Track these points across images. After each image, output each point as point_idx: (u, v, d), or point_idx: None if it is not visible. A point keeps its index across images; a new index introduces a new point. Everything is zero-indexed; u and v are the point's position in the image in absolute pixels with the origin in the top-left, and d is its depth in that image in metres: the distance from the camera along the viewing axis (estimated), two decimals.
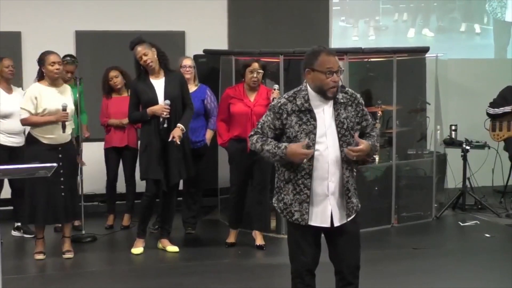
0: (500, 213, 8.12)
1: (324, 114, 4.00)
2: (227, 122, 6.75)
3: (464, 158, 8.34)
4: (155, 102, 6.34)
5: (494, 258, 6.51)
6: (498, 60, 9.93)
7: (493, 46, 10.04)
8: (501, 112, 8.36)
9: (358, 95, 4.14)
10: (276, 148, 3.98)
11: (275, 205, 4.16)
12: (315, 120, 3.98)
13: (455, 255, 6.65)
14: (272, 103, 4.12)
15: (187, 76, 6.88)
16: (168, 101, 6.30)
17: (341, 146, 4.00)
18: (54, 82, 6.28)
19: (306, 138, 3.95)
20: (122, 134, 7.40)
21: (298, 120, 3.99)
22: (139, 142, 7.03)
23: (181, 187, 7.38)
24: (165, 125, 6.29)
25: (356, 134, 4.02)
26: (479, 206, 8.37)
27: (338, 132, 3.99)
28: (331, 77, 3.94)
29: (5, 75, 6.92)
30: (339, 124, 4.00)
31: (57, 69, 6.21)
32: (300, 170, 4.00)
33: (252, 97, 6.67)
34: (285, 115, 4.01)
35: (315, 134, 3.97)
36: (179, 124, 6.34)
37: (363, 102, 4.15)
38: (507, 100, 8.38)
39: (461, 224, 7.76)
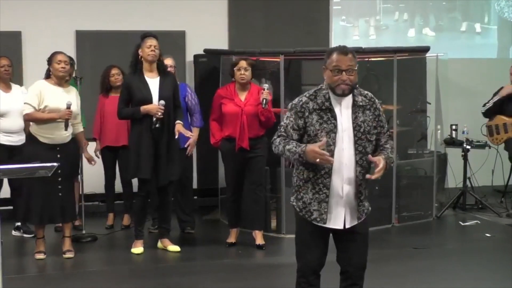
0: (501, 213, 8.11)
1: (342, 116, 3.99)
2: (219, 122, 6.75)
3: (465, 158, 8.33)
4: (149, 101, 6.32)
5: (495, 258, 6.51)
6: (499, 60, 9.91)
7: (494, 45, 10.05)
8: (491, 104, 8.20)
9: (377, 100, 4.13)
10: (296, 147, 3.94)
11: (294, 203, 4.13)
12: (335, 119, 3.96)
13: (456, 255, 6.65)
14: (293, 103, 4.05)
15: None
16: (163, 102, 6.29)
17: (356, 149, 3.98)
18: (59, 81, 6.28)
19: (326, 137, 3.93)
20: (116, 134, 7.37)
21: (319, 119, 3.97)
22: None
23: None
24: (157, 125, 6.29)
25: (370, 156, 3.99)
26: (480, 206, 8.37)
27: (355, 135, 3.98)
28: (338, 75, 3.93)
29: (0, 74, 6.89)
30: (356, 127, 3.98)
31: (62, 67, 6.22)
32: (320, 169, 3.97)
33: (243, 96, 6.64)
34: (307, 113, 3.98)
35: (335, 133, 3.95)
36: (178, 121, 6.35)
37: (381, 108, 4.14)
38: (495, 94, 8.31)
39: (462, 224, 7.75)
